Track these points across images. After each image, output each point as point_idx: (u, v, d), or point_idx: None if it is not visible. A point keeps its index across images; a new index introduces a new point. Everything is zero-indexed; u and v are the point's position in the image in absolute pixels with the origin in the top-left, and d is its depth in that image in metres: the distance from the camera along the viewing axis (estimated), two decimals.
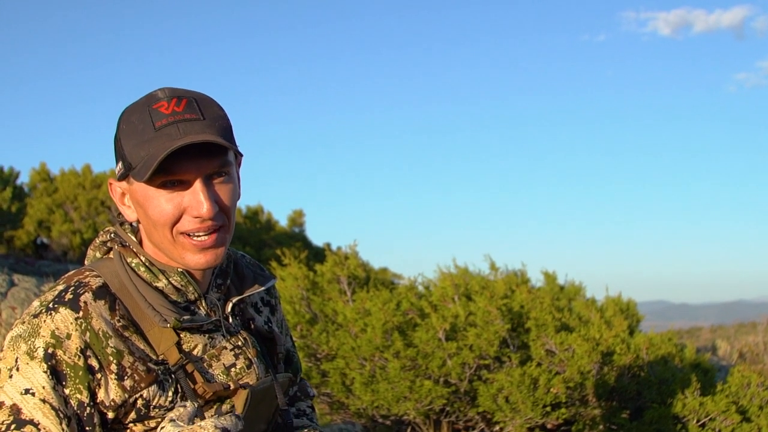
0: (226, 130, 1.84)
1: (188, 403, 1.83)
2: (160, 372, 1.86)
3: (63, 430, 1.74)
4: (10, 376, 1.76)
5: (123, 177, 1.86)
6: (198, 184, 1.81)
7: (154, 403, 1.84)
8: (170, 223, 1.83)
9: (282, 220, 16.13)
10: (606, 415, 6.11)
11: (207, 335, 1.95)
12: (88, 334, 1.79)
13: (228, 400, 1.96)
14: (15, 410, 1.74)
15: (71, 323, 1.79)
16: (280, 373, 2.12)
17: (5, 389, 1.76)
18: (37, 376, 1.75)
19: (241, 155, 1.95)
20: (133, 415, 1.84)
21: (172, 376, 1.87)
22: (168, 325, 1.86)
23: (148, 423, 1.86)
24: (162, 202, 1.82)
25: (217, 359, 1.95)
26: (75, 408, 1.77)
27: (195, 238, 1.85)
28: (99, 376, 1.79)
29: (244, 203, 15.79)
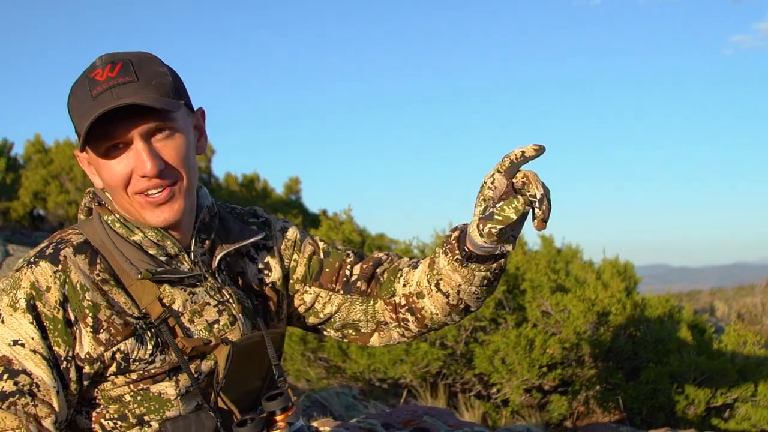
0: (164, 86, 1.86)
1: None
2: (139, 326, 1.87)
3: (54, 378, 1.78)
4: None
5: (81, 148, 1.89)
6: (138, 144, 1.83)
7: (133, 357, 1.85)
8: (122, 185, 1.86)
9: (278, 188, 16.11)
10: (602, 375, 6.12)
11: (188, 290, 1.96)
12: (66, 286, 1.82)
13: (209, 355, 1.96)
14: (5, 361, 1.76)
15: (50, 276, 1.82)
16: (272, 328, 2.11)
17: None
18: (24, 326, 1.78)
19: (193, 110, 1.98)
20: (113, 369, 1.85)
21: (152, 330, 1.88)
22: (140, 276, 1.87)
23: (129, 375, 1.87)
24: (111, 166, 1.85)
25: (200, 315, 1.96)
26: (55, 366, 1.79)
27: (149, 196, 1.87)
28: (75, 329, 1.81)
29: (239, 171, 15.76)
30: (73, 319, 1.81)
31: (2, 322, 1.79)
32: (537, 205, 1.73)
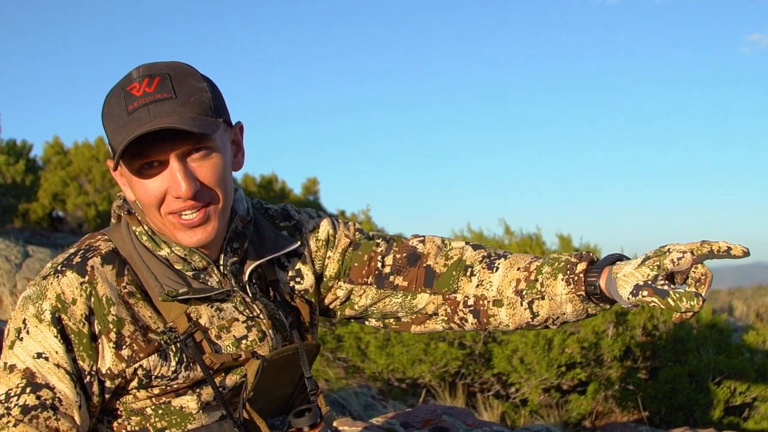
0: (203, 104, 1.78)
1: None
2: (163, 341, 1.84)
3: (77, 393, 1.75)
4: (20, 339, 1.77)
5: (115, 165, 1.84)
6: (174, 164, 1.77)
7: (155, 373, 1.83)
8: (155, 204, 1.81)
9: (296, 189, 16.12)
10: (621, 374, 6.11)
11: (215, 306, 1.91)
12: (92, 299, 1.79)
13: (237, 369, 1.93)
14: (29, 374, 1.74)
15: (76, 287, 1.79)
16: (306, 342, 2.05)
17: (16, 352, 1.76)
18: (49, 340, 1.75)
19: (231, 125, 1.91)
20: (135, 384, 1.83)
21: (177, 344, 1.85)
22: (160, 298, 1.84)
23: (151, 390, 1.85)
24: (145, 184, 1.80)
25: (227, 331, 1.91)
26: (79, 380, 1.78)
27: (183, 217, 1.82)
28: (98, 343, 1.79)
29: (257, 172, 15.78)
30: (97, 332, 1.79)
31: (27, 333, 1.77)
32: (748, 251, 1.68)
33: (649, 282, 1.68)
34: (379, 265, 2.10)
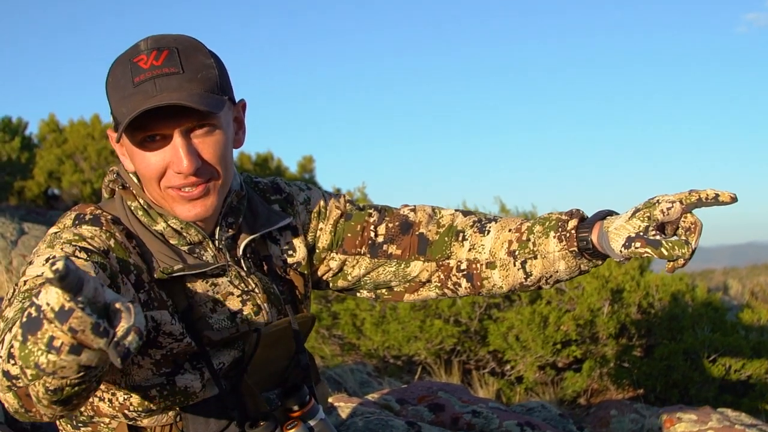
0: (209, 81, 1.77)
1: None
2: (169, 306, 1.84)
3: (96, 269, 1.64)
4: (30, 263, 1.70)
5: (115, 129, 1.82)
6: (177, 140, 1.76)
7: (164, 329, 1.82)
8: (155, 178, 1.80)
9: (292, 167, 16.11)
10: (616, 352, 6.12)
11: (210, 281, 1.91)
12: (112, 240, 1.79)
13: (235, 344, 1.94)
14: (38, 277, 1.63)
15: (96, 230, 1.78)
16: (299, 314, 2.06)
17: (27, 272, 1.66)
18: (59, 249, 1.69)
19: (235, 103, 1.90)
20: None
21: (177, 316, 1.85)
22: (155, 275, 1.83)
23: (154, 353, 1.84)
24: (146, 157, 1.79)
25: (222, 305, 1.91)
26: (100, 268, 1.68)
27: (182, 191, 1.81)
28: (121, 276, 1.76)
29: (253, 150, 15.76)
30: (118, 268, 1.75)
31: (38, 255, 1.71)
32: (736, 197, 1.69)
33: (641, 233, 1.71)
34: (372, 234, 2.11)
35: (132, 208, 1.89)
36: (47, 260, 1.64)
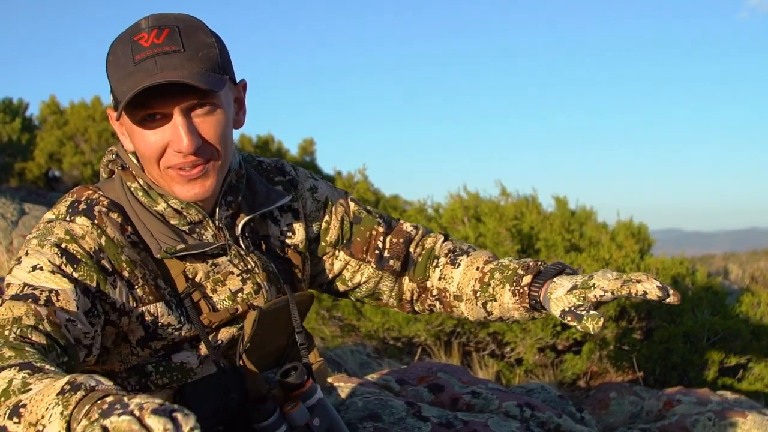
0: (210, 60, 1.77)
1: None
2: (167, 293, 1.84)
3: (77, 294, 1.69)
4: (19, 262, 1.72)
5: (114, 108, 1.82)
6: (177, 118, 1.75)
7: (162, 321, 1.82)
8: (155, 157, 1.79)
9: (293, 149, 16.07)
10: (616, 335, 6.13)
11: (210, 261, 1.91)
12: (103, 238, 1.78)
13: (234, 322, 1.95)
14: (24, 285, 1.67)
15: (87, 226, 1.78)
16: (300, 292, 2.07)
17: (13, 274, 1.71)
18: (48, 255, 1.71)
19: (235, 83, 1.90)
20: (140, 332, 1.82)
21: (177, 301, 1.86)
22: (158, 255, 1.83)
23: (155, 344, 1.85)
24: (146, 135, 1.78)
25: (222, 284, 1.91)
26: (81, 291, 1.71)
27: (182, 170, 1.80)
28: (112, 278, 1.77)
29: (254, 132, 15.73)
30: (110, 269, 1.77)
31: (26, 254, 1.73)
32: (667, 294, 1.89)
33: (572, 308, 1.88)
34: (380, 245, 2.18)
35: (132, 188, 1.88)
36: (34, 268, 1.70)
